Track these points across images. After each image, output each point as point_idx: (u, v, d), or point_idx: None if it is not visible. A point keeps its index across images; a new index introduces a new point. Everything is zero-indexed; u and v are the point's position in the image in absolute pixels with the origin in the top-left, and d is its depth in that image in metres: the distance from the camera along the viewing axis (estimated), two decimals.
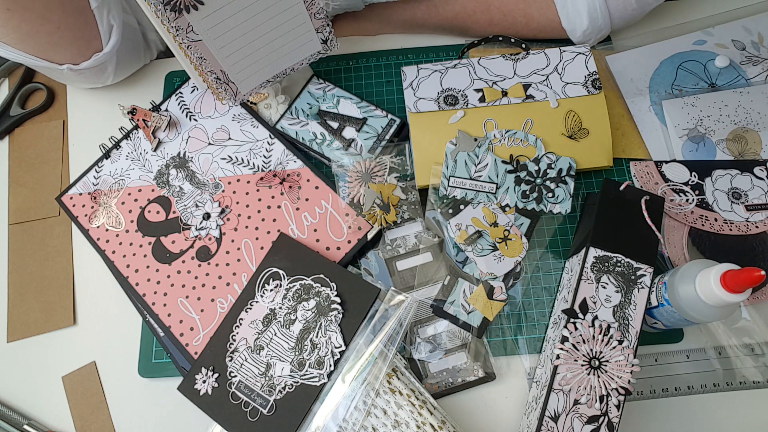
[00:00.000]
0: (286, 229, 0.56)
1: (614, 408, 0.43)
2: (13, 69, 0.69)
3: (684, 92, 0.61)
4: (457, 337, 0.52)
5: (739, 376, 0.51)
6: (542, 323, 0.53)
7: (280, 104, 0.61)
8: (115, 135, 0.63)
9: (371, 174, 0.57)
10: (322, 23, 0.53)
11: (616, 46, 0.64)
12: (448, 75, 0.58)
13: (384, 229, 0.55)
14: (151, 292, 0.55)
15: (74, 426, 0.53)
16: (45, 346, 0.56)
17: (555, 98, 0.56)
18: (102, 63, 0.59)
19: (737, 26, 0.64)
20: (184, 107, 0.63)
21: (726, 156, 0.57)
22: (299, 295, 0.51)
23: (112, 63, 0.61)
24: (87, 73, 0.60)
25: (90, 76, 0.61)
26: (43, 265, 0.59)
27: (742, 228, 0.54)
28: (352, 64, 0.66)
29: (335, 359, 0.48)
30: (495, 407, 0.51)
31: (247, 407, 0.48)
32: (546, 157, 0.55)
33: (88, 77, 0.61)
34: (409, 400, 0.47)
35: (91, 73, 0.60)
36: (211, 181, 0.59)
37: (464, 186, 0.54)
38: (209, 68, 0.50)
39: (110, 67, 0.61)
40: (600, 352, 0.45)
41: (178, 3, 0.44)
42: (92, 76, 0.62)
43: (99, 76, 0.62)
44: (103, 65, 0.60)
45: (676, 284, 0.45)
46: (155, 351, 0.55)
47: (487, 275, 0.52)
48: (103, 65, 0.60)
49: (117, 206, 0.59)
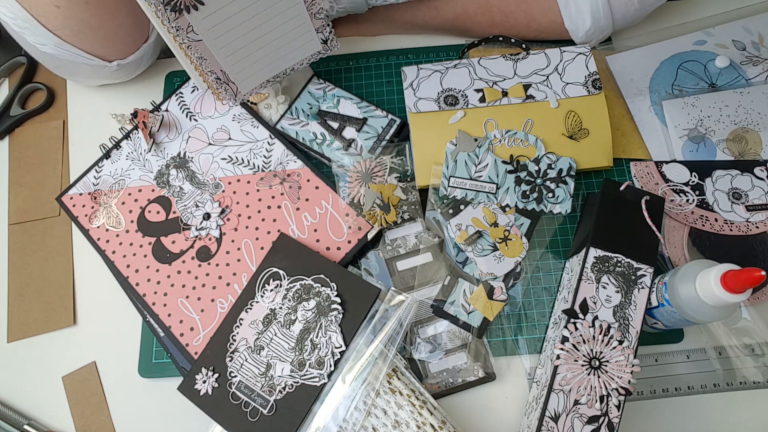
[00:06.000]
0: (286, 229, 0.56)
1: (614, 408, 0.43)
2: (13, 69, 0.69)
3: (684, 92, 0.61)
4: (457, 338, 0.52)
5: (740, 376, 0.51)
6: (542, 323, 0.53)
7: (281, 104, 0.61)
8: (115, 135, 0.63)
9: (371, 174, 0.57)
10: (322, 23, 0.53)
11: (617, 46, 0.64)
12: (449, 75, 0.58)
13: (384, 229, 0.55)
14: (152, 292, 0.55)
15: (74, 426, 0.53)
16: (45, 346, 0.56)
17: (555, 98, 0.56)
18: (144, 54, 0.60)
19: (737, 26, 0.64)
20: (185, 107, 0.63)
21: (726, 156, 0.57)
22: (299, 295, 0.51)
23: (149, 52, 0.61)
24: (127, 67, 0.60)
25: (129, 70, 0.61)
26: (43, 265, 0.59)
27: (742, 228, 0.54)
28: (352, 64, 0.66)
29: (335, 359, 0.48)
30: (495, 407, 0.51)
31: (247, 407, 0.48)
32: (546, 157, 0.55)
33: (128, 71, 0.61)
34: (410, 401, 0.47)
35: (130, 67, 0.61)
36: (211, 181, 0.59)
37: (464, 186, 0.54)
38: (209, 68, 0.50)
39: (146, 56, 0.61)
40: (600, 352, 0.45)
41: (178, 3, 0.44)
42: (130, 70, 0.62)
43: (135, 68, 0.62)
44: (143, 56, 0.60)
45: (676, 284, 0.45)
46: (155, 351, 0.55)
47: (487, 275, 0.53)
48: (143, 56, 0.60)
49: (117, 206, 0.59)
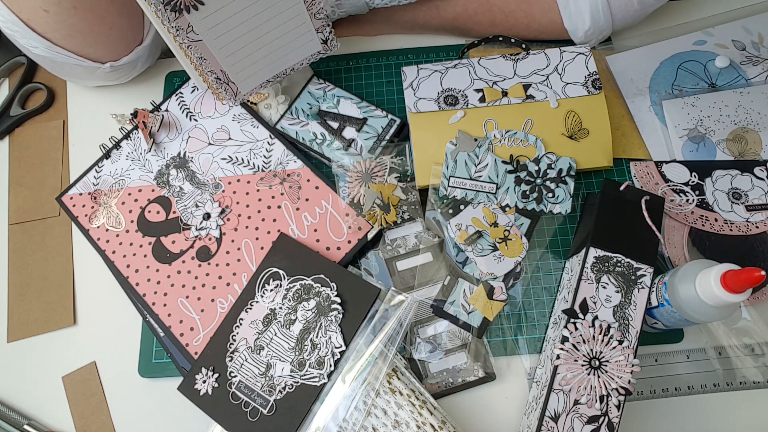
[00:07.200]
0: (286, 229, 0.56)
1: (614, 408, 0.43)
2: (13, 69, 0.69)
3: (684, 92, 0.61)
4: (457, 337, 0.52)
5: (739, 376, 0.51)
6: (542, 323, 0.53)
7: (281, 104, 0.61)
8: (115, 135, 0.63)
9: (371, 174, 0.57)
10: (322, 23, 0.53)
11: (617, 47, 0.64)
12: (449, 75, 0.58)
13: (384, 229, 0.55)
14: (151, 292, 0.55)
15: (74, 426, 0.53)
16: (45, 346, 0.56)
17: (555, 98, 0.56)
18: (139, 56, 0.59)
19: (737, 26, 0.64)
20: (185, 107, 0.63)
21: (726, 156, 0.57)
22: (299, 295, 0.51)
23: (144, 55, 0.61)
24: (122, 69, 0.60)
25: (124, 72, 0.61)
26: (43, 265, 0.59)
27: (742, 228, 0.54)
28: (352, 64, 0.66)
29: (335, 359, 0.48)
30: (495, 407, 0.51)
31: (247, 407, 0.48)
32: (546, 157, 0.55)
33: (122, 72, 0.61)
34: (410, 400, 0.47)
35: (125, 69, 0.60)
36: (211, 181, 0.59)
37: (464, 186, 0.54)
38: (209, 68, 0.50)
39: (142, 59, 0.61)
40: (600, 352, 0.45)
41: (178, 3, 0.44)
42: (125, 72, 0.62)
43: (130, 70, 0.62)
44: (138, 59, 0.60)
45: (676, 284, 0.45)
46: (155, 351, 0.55)
47: (487, 275, 0.53)
48: (138, 59, 0.60)
49: (117, 206, 0.59)
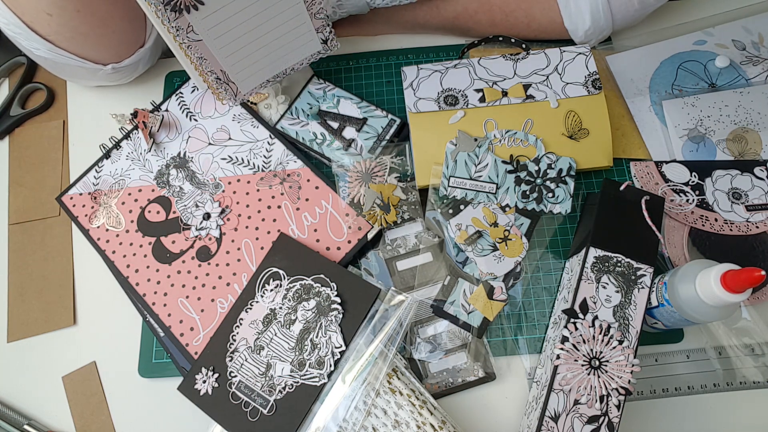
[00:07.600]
0: (286, 229, 0.56)
1: (614, 408, 0.43)
2: (13, 69, 0.69)
3: (684, 92, 0.61)
4: (457, 337, 0.52)
5: (739, 376, 0.51)
6: (542, 323, 0.53)
7: (281, 104, 0.61)
8: (115, 135, 0.63)
9: (371, 174, 0.57)
10: (322, 23, 0.53)
11: (617, 47, 0.64)
12: (449, 75, 0.58)
13: (384, 229, 0.55)
14: (151, 292, 0.55)
15: (74, 426, 0.53)
16: (45, 346, 0.56)
17: (555, 98, 0.56)
18: (141, 58, 0.60)
19: (737, 26, 0.64)
20: (185, 107, 0.63)
21: (726, 156, 0.57)
22: (299, 295, 0.51)
23: (146, 56, 0.61)
24: (123, 70, 0.60)
25: (126, 73, 0.61)
26: (43, 265, 0.59)
27: (742, 228, 0.54)
28: (352, 64, 0.66)
29: (335, 359, 0.48)
30: (495, 407, 0.51)
31: (247, 407, 0.48)
32: (546, 157, 0.55)
33: (124, 74, 0.61)
34: (410, 400, 0.47)
35: (127, 70, 0.61)
36: (211, 181, 0.59)
37: (464, 186, 0.54)
38: (209, 68, 0.50)
39: (144, 61, 0.61)
40: (600, 352, 0.45)
41: (178, 3, 0.44)
42: (127, 73, 0.62)
43: (131, 72, 0.62)
44: (140, 61, 0.60)
45: (676, 284, 0.45)
46: (155, 351, 0.55)
47: (487, 275, 0.52)
48: (140, 61, 0.60)
49: (117, 206, 0.59)
